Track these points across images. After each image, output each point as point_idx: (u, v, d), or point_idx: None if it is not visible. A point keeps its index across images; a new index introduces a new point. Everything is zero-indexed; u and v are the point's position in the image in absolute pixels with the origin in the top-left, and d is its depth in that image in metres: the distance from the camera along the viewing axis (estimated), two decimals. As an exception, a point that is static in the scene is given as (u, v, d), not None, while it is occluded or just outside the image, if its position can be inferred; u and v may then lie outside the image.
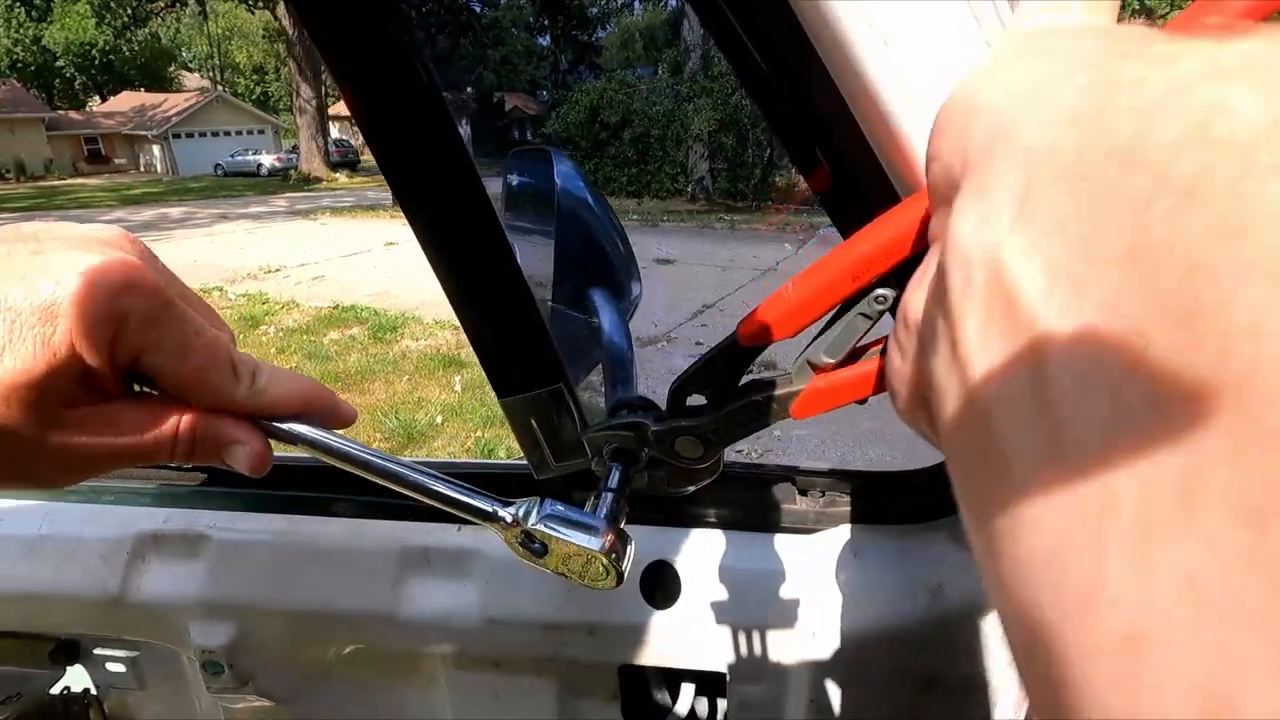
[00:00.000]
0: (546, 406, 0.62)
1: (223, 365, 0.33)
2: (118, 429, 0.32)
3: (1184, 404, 0.11)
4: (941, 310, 0.18)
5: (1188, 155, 0.12)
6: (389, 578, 0.71)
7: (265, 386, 0.34)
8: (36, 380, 0.29)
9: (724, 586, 0.67)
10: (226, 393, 0.33)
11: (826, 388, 0.30)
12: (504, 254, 0.56)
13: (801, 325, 0.29)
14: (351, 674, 0.77)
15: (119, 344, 0.30)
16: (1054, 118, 0.16)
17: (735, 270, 7.31)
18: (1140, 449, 0.12)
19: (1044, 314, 0.14)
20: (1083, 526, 0.13)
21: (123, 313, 0.29)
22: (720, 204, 14.78)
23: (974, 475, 0.16)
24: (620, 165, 15.95)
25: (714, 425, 0.36)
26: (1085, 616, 0.13)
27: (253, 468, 0.35)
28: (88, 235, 0.32)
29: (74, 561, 0.75)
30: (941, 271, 0.18)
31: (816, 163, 0.47)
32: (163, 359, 0.31)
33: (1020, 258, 0.15)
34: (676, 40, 18.26)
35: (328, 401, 0.38)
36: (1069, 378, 0.13)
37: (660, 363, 4.53)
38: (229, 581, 0.73)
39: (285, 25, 22.70)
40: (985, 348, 0.16)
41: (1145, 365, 0.12)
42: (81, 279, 0.29)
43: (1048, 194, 0.15)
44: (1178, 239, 0.12)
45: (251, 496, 0.77)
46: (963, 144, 0.19)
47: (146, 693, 0.83)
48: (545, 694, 0.74)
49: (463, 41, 22.27)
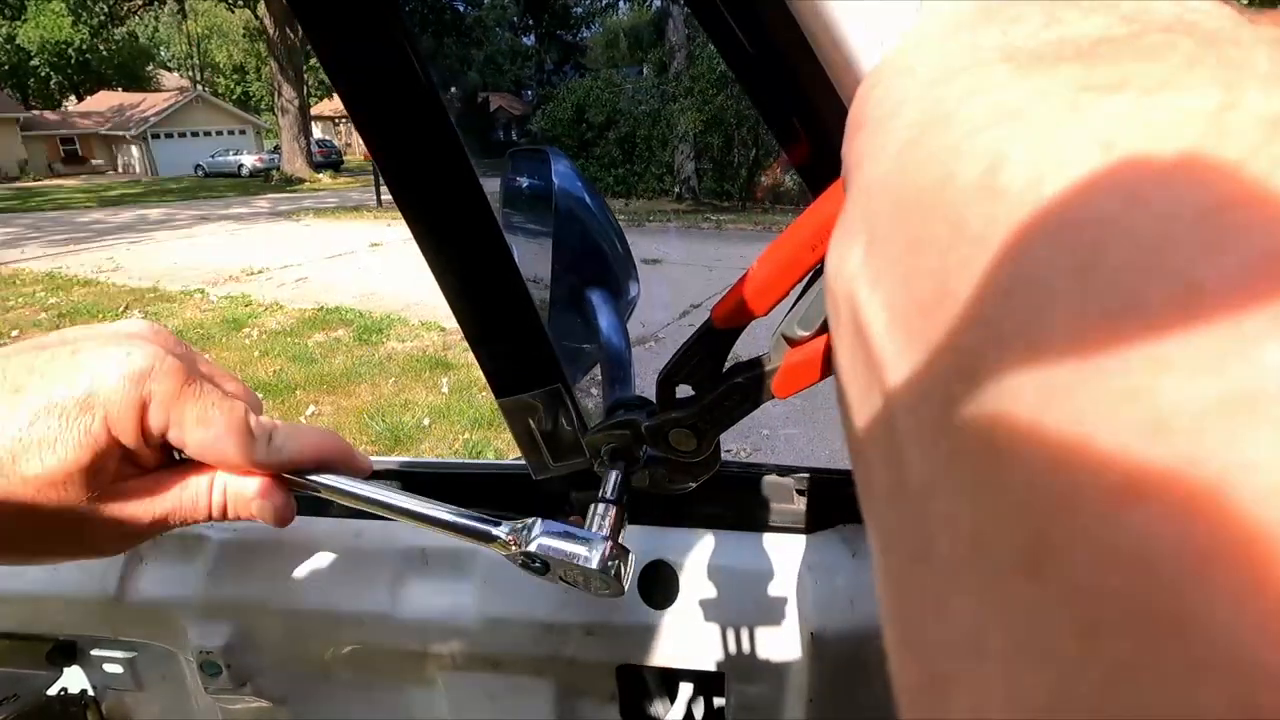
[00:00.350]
0: (544, 407, 0.62)
1: (240, 431, 0.37)
2: (158, 495, 0.37)
3: (973, 462, 0.11)
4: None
5: (978, 204, 0.12)
6: (387, 578, 0.71)
7: (281, 445, 0.39)
8: (85, 465, 0.33)
9: (722, 586, 0.67)
10: (246, 455, 0.37)
11: (803, 361, 0.30)
12: (502, 254, 0.56)
13: (772, 301, 0.28)
14: (350, 674, 0.77)
15: (147, 423, 0.35)
16: (888, 152, 0.16)
17: (722, 270, 7.32)
18: (947, 499, 0.12)
19: (886, 353, 0.14)
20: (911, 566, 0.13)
21: (146, 396, 0.34)
22: (707, 204, 14.81)
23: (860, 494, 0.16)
24: (607, 166, 15.93)
25: (702, 414, 0.35)
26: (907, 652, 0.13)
27: (277, 520, 0.40)
28: (119, 332, 0.36)
29: (71, 562, 0.74)
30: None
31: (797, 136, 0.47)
32: (186, 431, 0.36)
33: (868, 293, 0.15)
34: (661, 41, 18.26)
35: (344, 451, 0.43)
36: (908, 418, 0.13)
37: (649, 362, 4.54)
38: (227, 582, 0.73)
39: (266, 24, 22.44)
40: (853, 382, 0.16)
41: (947, 419, 0.12)
42: (111, 372, 0.34)
43: (885, 229, 0.15)
44: (965, 291, 0.12)
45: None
46: (845, 156, 0.19)
47: (144, 693, 0.83)
48: (543, 694, 0.75)
49: (447, 41, 22.14)
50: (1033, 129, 0.12)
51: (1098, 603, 0.09)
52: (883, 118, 0.17)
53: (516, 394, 0.61)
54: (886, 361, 0.14)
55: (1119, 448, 0.09)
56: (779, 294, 0.28)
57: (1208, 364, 0.09)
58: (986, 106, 0.14)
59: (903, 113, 0.16)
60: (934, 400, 0.12)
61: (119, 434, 0.34)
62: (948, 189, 0.13)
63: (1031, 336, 0.11)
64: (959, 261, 0.12)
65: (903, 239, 0.14)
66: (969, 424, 0.11)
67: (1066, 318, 0.11)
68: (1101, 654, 0.09)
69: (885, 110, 0.17)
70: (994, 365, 0.11)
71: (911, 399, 0.13)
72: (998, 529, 0.11)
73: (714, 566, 0.68)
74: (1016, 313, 0.11)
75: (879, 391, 0.14)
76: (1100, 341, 0.10)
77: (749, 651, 0.67)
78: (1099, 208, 0.11)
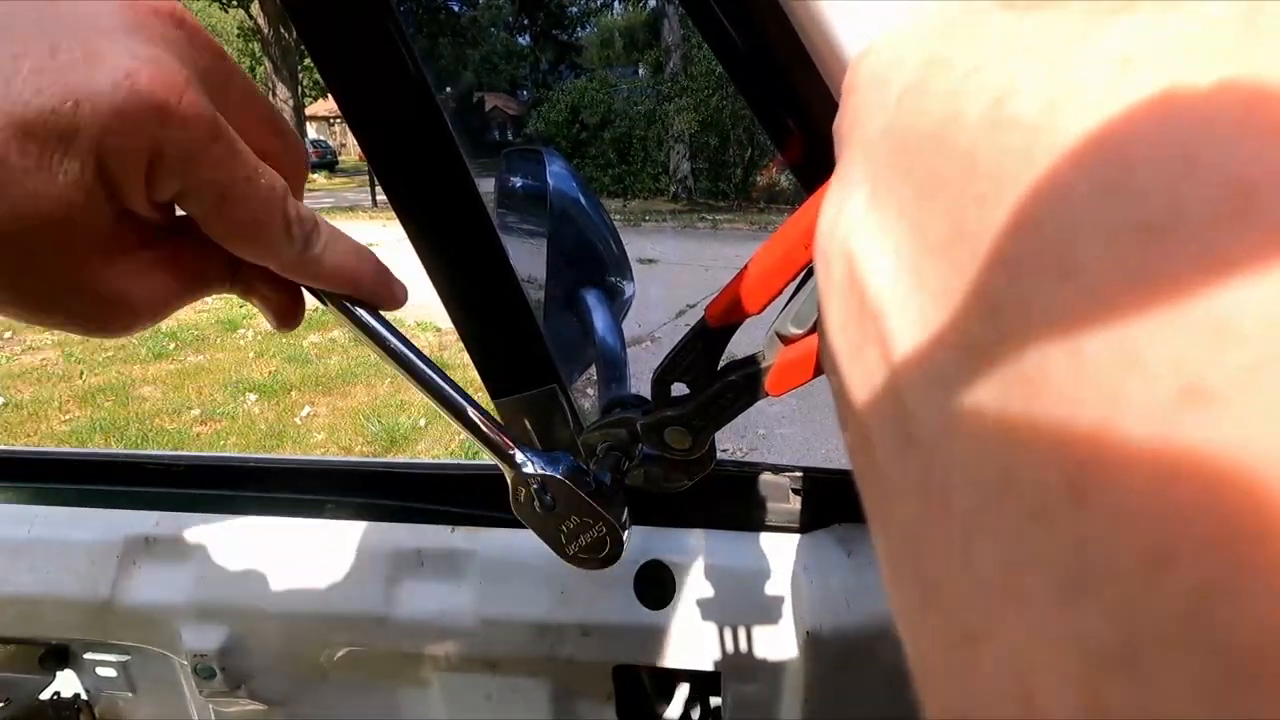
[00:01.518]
0: (541, 407, 0.62)
1: (273, 222, 0.28)
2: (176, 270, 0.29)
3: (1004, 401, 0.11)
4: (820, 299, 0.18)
5: (987, 138, 0.12)
6: (382, 579, 0.71)
7: (320, 253, 0.30)
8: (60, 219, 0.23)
9: (718, 586, 0.67)
10: (277, 254, 0.29)
11: (797, 358, 0.29)
12: (497, 254, 0.56)
13: (766, 299, 0.28)
14: (345, 676, 0.77)
15: (154, 183, 0.25)
16: (889, 102, 0.15)
17: (718, 270, 7.32)
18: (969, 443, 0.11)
19: (889, 305, 0.14)
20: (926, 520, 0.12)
21: (156, 147, 0.24)
22: (702, 204, 14.81)
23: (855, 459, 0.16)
24: (602, 166, 15.93)
25: (697, 411, 0.35)
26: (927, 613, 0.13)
27: (280, 319, 0.33)
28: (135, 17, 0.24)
29: (64, 565, 0.74)
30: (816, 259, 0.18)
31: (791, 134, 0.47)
32: (202, 206, 0.26)
33: (870, 245, 0.15)
34: (656, 41, 18.27)
35: (381, 275, 0.34)
36: (915, 371, 0.13)
37: (647, 362, 4.53)
38: (220, 585, 0.72)
39: (260, 24, 22.40)
40: (846, 341, 0.15)
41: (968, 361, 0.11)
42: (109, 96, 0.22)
43: (889, 177, 0.14)
44: (986, 229, 0.12)
45: (243, 499, 0.76)
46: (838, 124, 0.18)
47: (138, 697, 0.82)
48: (540, 694, 0.75)
49: (442, 40, 22.13)
50: (1040, 58, 0.12)
51: (1162, 524, 0.08)
52: (877, 77, 0.16)
53: (513, 395, 0.61)
54: (889, 312, 0.14)
55: (1175, 358, 0.09)
56: (773, 291, 0.28)
57: (1268, 266, 0.08)
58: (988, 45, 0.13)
59: (901, 67, 0.15)
60: (952, 344, 0.12)
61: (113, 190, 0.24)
62: (953, 129, 0.13)
63: (1064, 266, 0.10)
64: (974, 200, 0.12)
65: (910, 185, 0.14)
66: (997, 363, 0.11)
67: (1100, 240, 0.10)
68: (1172, 578, 0.08)
69: (879, 71, 0.16)
70: (1024, 298, 0.11)
71: (923, 347, 0.13)
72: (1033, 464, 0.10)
73: (710, 566, 0.68)
74: (1044, 243, 0.11)
75: (877, 345, 0.14)
76: (1141, 259, 0.09)
77: (745, 651, 0.67)
78: (1124, 123, 0.10)
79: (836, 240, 0.16)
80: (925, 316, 0.13)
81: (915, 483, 0.13)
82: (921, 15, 0.17)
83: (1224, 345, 0.08)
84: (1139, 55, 0.11)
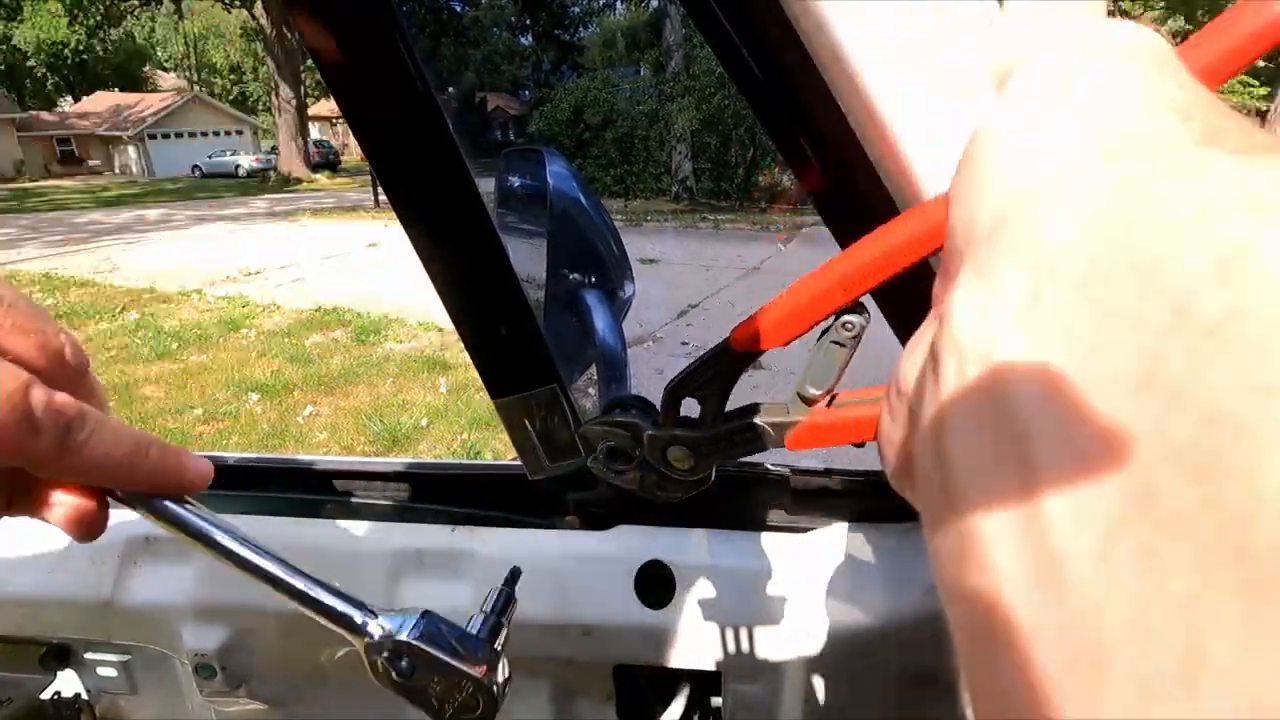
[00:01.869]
0: (541, 407, 0.62)
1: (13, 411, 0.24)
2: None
3: (1190, 566, 0.10)
4: (932, 393, 0.17)
5: (1213, 293, 0.11)
6: (382, 579, 0.71)
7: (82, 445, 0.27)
8: None
9: (718, 586, 0.67)
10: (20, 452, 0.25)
11: (826, 424, 0.30)
12: (497, 255, 0.56)
13: (793, 334, 0.29)
14: (345, 676, 0.77)
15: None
16: (1073, 218, 0.15)
17: (720, 270, 7.32)
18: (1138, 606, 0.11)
19: (1039, 429, 0.13)
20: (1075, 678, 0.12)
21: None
22: (704, 204, 14.80)
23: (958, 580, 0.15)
24: (604, 166, 15.93)
25: (709, 440, 0.35)
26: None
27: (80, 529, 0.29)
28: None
29: (65, 565, 0.74)
30: (935, 351, 0.17)
31: (808, 161, 0.47)
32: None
33: (1020, 361, 0.14)
34: (658, 40, 18.26)
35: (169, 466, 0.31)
36: (1064, 506, 0.12)
37: (648, 362, 4.53)
38: (221, 584, 0.72)
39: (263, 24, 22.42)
40: (972, 451, 0.15)
41: (1149, 514, 0.11)
42: None
43: (1057, 299, 0.14)
44: (1197, 381, 0.11)
45: (243, 499, 0.76)
46: (972, 209, 0.18)
47: (139, 697, 0.82)
48: (540, 694, 0.75)
49: (444, 40, 22.13)
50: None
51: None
52: (1039, 181, 0.16)
53: (513, 394, 0.61)
54: (1038, 438, 0.13)
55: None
56: (802, 327, 0.28)
57: None
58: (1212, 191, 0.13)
59: (1077, 184, 0.15)
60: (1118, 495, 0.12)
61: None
62: (1169, 271, 0.12)
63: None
64: (1183, 347, 0.11)
65: (1089, 314, 0.13)
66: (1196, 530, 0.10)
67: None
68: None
69: (1040, 174, 0.16)
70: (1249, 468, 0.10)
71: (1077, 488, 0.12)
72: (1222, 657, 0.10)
73: (710, 566, 0.68)
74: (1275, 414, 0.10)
75: (1017, 465, 0.13)
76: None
77: (746, 651, 0.67)
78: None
79: (976, 342, 0.15)
80: (1089, 453, 0.12)
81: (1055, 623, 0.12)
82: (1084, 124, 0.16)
83: None
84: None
